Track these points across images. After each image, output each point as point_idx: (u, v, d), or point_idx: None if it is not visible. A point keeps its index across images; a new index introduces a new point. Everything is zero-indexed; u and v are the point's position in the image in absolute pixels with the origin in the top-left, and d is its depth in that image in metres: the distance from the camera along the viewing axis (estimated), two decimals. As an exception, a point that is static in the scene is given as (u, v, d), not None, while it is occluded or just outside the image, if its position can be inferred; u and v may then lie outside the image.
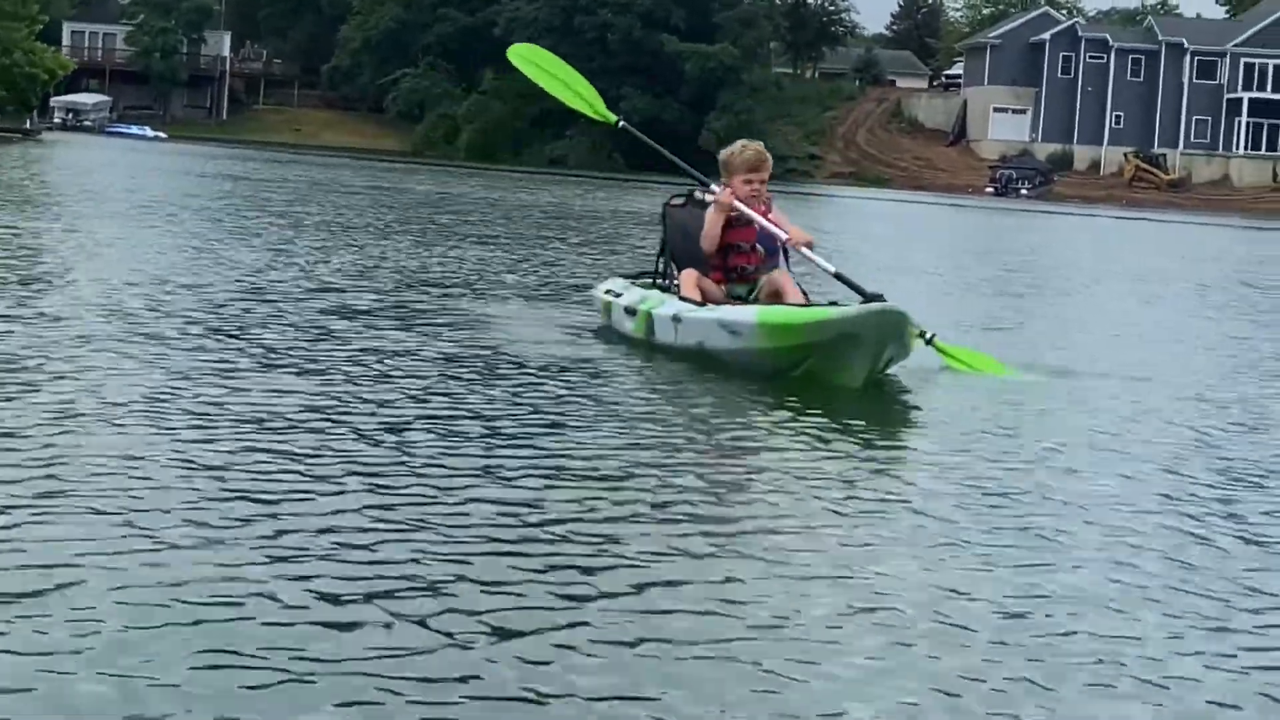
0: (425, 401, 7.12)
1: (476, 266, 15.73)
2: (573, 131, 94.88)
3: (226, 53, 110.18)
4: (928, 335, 9.55)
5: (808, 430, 6.98)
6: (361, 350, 8.72)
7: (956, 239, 34.45)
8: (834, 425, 7.10)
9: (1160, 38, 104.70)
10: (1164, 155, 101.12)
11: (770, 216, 9.45)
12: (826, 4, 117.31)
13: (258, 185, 33.36)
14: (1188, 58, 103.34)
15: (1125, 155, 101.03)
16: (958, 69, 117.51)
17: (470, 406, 7.14)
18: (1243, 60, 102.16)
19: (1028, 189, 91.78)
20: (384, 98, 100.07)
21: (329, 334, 9.39)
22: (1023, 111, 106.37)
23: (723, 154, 9.56)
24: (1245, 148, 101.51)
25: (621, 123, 11.25)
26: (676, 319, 9.21)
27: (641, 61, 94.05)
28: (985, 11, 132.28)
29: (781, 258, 9.56)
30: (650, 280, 10.12)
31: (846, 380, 8.08)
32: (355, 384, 7.47)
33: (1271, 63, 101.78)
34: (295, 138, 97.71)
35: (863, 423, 7.22)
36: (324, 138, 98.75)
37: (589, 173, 76.62)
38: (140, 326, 9.06)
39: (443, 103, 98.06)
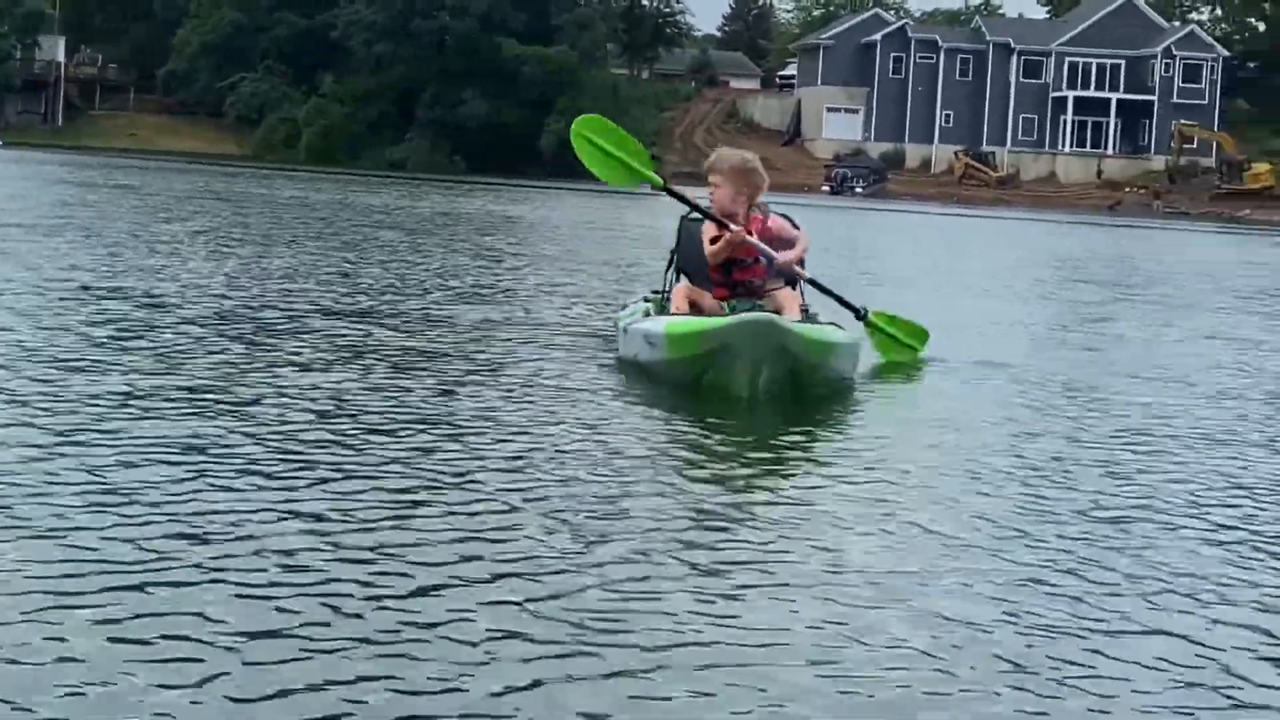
0: (376, 410, 7.28)
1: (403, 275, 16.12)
2: (412, 134, 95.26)
3: (61, 58, 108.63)
4: (861, 311, 9.98)
5: (712, 439, 7.10)
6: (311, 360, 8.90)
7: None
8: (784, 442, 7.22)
9: (988, 38, 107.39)
10: (993, 153, 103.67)
11: (768, 224, 9.32)
12: (661, 6, 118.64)
13: (111, 195, 33.18)
14: (1014, 57, 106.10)
15: (955, 153, 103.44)
16: (791, 69, 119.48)
17: (428, 414, 7.31)
18: (1067, 59, 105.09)
19: (862, 187, 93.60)
20: (222, 102, 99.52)
21: (259, 345, 9.48)
22: (855, 111, 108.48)
23: (706, 162, 9.49)
24: (1070, 145, 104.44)
25: (666, 185, 10.44)
26: (625, 331, 9.36)
27: (480, 65, 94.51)
28: (816, 13, 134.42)
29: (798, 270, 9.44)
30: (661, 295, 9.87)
31: (736, 390, 8.08)
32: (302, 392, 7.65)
33: (1095, 61, 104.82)
34: (133, 143, 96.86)
35: (818, 433, 7.54)
36: (162, 143, 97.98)
37: (439, 176, 76.77)
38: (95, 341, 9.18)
39: (282, 106, 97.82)
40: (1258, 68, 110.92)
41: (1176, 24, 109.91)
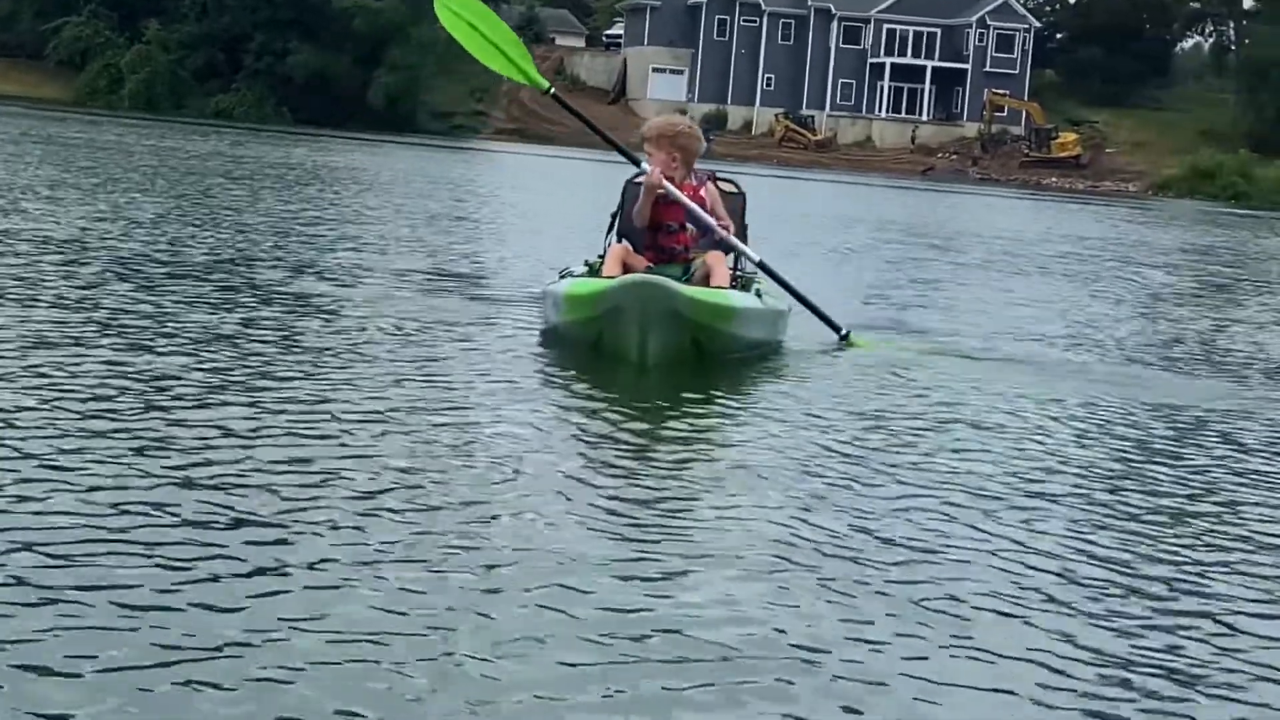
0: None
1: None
2: (238, 84, 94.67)
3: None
4: (843, 331, 9.63)
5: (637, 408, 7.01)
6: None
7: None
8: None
9: (809, 4, 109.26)
10: (812, 116, 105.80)
11: (701, 192, 9.21)
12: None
13: None
14: (835, 23, 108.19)
15: (776, 116, 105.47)
16: (618, 29, 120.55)
17: (325, 362, 7.52)
18: (885, 26, 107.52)
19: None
20: (44, 45, 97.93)
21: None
22: (680, 72, 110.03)
23: (643, 128, 9.35)
24: (887, 110, 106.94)
25: (553, 90, 10.27)
26: (543, 294, 9.26)
27: (309, 16, 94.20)
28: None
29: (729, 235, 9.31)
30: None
31: (627, 354, 8.00)
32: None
33: (911, 29, 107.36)
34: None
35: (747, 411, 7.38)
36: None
37: (268, 126, 76.50)
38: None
39: (105, 52, 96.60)
40: (1066, 39, 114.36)
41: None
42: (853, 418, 7.37)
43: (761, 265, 9.48)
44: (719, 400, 7.67)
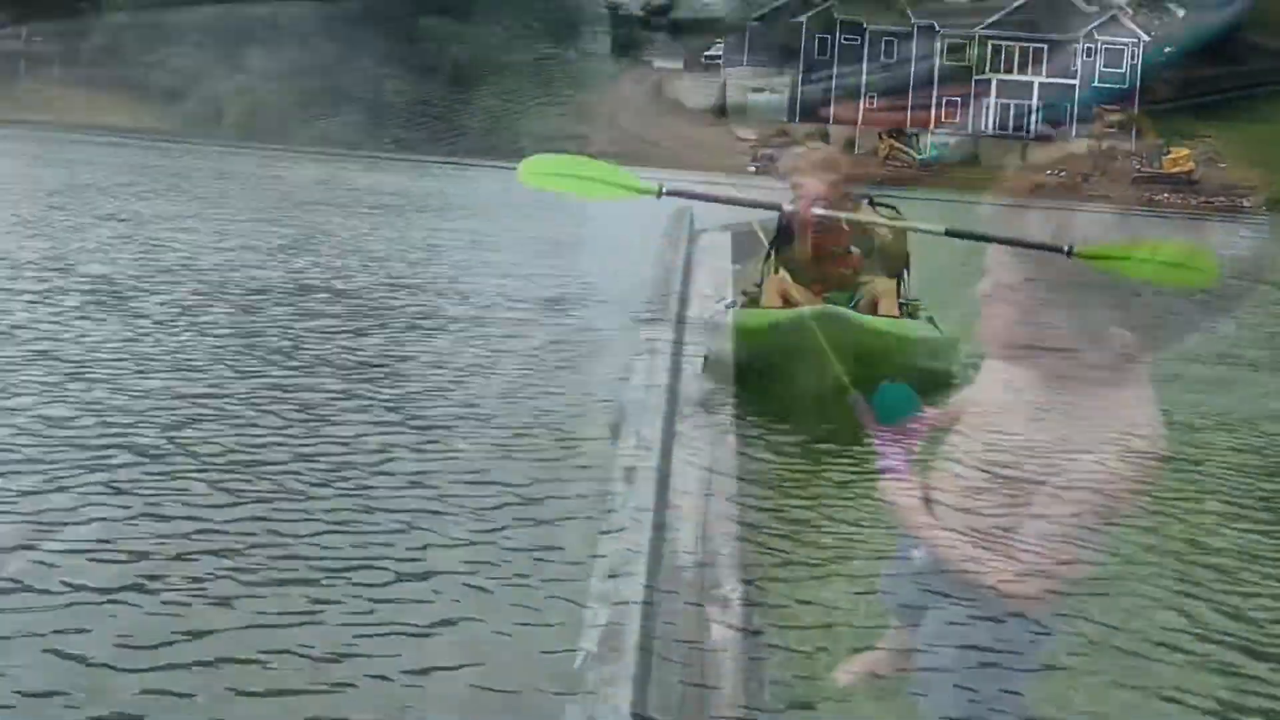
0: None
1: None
2: (338, 111, 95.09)
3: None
4: (1067, 248, 9.31)
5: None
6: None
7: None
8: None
9: (913, 21, 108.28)
10: (916, 134, 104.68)
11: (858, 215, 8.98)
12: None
13: (70, 171, 33.24)
14: (938, 40, 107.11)
15: (880, 135, 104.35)
16: (717, 49, 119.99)
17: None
18: (990, 43, 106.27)
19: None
20: (147, 77, 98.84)
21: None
22: (780, 92, 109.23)
23: (783, 168, 9.30)
24: (993, 128, 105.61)
25: (664, 189, 10.43)
26: (705, 325, 9.31)
27: (406, 43, 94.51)
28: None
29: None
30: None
31: (804, 384, 7.49)
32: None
33: (1017, 45, 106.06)
34: (53, 115, 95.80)
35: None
36: (84, 116, 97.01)
37: (366, 153, 76.70)
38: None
39: (207, 82, 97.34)
40: (1175, 53, 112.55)
41: (1097, 8, 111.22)
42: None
43: (949, 231, 8.67)
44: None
